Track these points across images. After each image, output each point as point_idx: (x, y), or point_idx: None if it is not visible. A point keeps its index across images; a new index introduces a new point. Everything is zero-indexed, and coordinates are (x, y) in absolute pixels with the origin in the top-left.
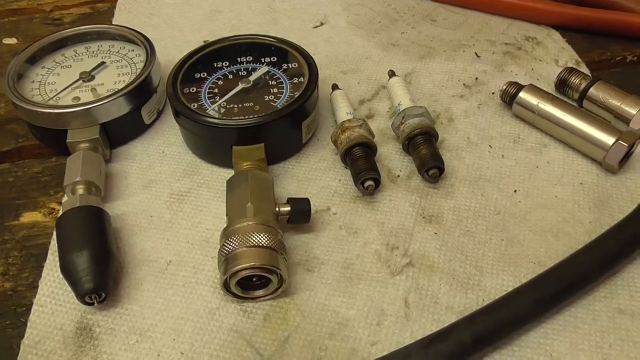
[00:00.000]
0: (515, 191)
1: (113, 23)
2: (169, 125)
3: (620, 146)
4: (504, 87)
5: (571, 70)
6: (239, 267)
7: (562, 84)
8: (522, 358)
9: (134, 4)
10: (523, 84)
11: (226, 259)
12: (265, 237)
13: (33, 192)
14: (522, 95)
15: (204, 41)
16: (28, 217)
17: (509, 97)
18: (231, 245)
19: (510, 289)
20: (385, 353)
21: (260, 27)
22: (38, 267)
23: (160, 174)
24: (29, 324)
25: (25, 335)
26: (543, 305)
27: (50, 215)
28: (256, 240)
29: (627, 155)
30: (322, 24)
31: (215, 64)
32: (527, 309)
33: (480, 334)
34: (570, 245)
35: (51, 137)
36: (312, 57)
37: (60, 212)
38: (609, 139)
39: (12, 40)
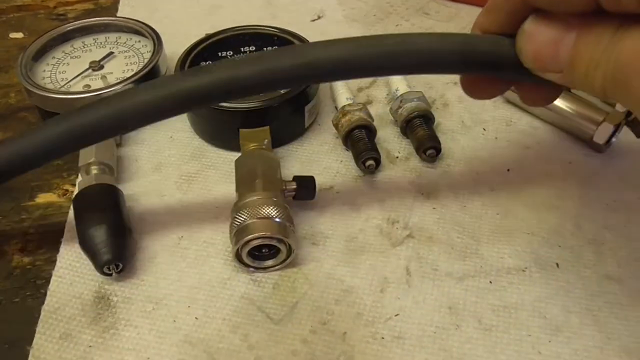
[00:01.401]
0: (508, 170)
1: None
2: None
3: (606, 126)
4: None
5: None
6: (250, 236)
7: None
8: (518, 319)
9: None
10: None
11: (238, 230)
12: (274, 210)
13: (47, 175)
14: None
15: (206, 34)
16: (43, 198)
17: None
18: (242, 217)
19: (506, 257)
20: (389, 318)
21: (259, 21)
22: (55, 243)
23: (169, 157)
24: (48, 293)
25: (45, 302)
26: None
27: (65, 196)
28: (266, 212)
29: (613, 134)
30: (319, 17)
31: (219, 54)
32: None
33: None
34: (560, 217)
35: None
36: None
37: (76, 191)
38: (596, 120)
39: (19, 35)
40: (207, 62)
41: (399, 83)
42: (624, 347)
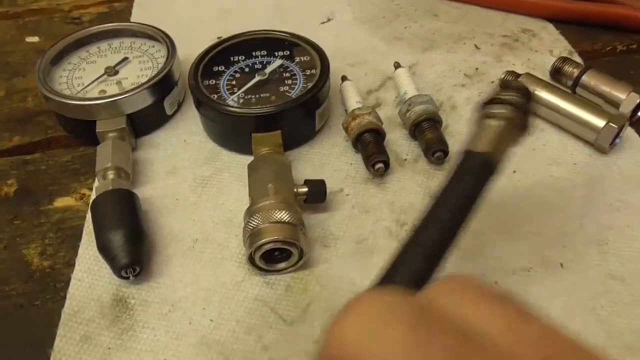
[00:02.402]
0: (514, 172)
1: (131, 21)
2: (189, 116)
3: (610, 128)
4: (503, 76)
5: (565, 60)
6: (263, 240)
7: (556, 73)
8: None
9: (149, 3)
10: (520, 73)
11: (251, 234)
12: (286, 214)
13: (64, 179)
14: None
15: (218, 37)
16: (61, 202)
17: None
18: (255, 222)
19: (511, 257)
20: None
21: (269, 24)
22: (74, 247)
23: (184, 160)
24: (68, 296)
25: (65, 305)
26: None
27: (82, 200)
28: (278, 217)
29: (617, 136)
30: (329, 20)
31: (231, 58)
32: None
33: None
34: (565, 218)
35: (80, 127)
36: (323, 50)
37: (93, 196)
38: (600, 122)
39: (35, 39)
40: (220, 67)
41: (408, 86)
42: (626, 344)
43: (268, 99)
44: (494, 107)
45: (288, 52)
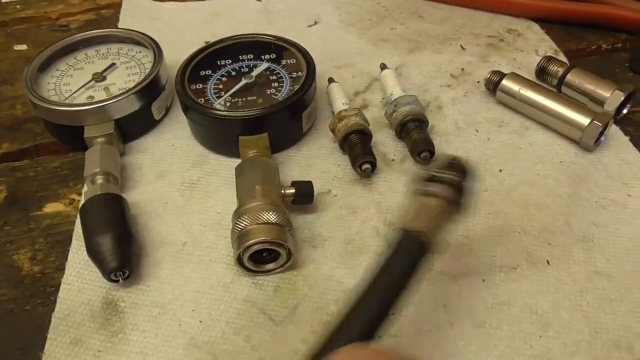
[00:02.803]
0: (500, 170)
1: (118, 27)
2: (177, 121)
3: (595, 126)
4: (488, 76)
5: (550, 59)
6: (251, 241)
7: (541, 72)
8: (510, 315)
9: (136, 9)
10: (505, 72)
11: (239, 236)
12: (274, 215)
13: (53, 185)
14: (505, 82)
15: (205, 42)
16: (51, 208)
17: (493, 85)
18: (243, 223)
19: (498, 255)
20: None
21: (257, 27)
22: (63, 252)
23: (172, 164)
24: (58, 300)
25: (55, 309)
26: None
27: (71, 205)
28: (265, 218)
29: (602, 134)
30: (315, 23)
31: (218, 62)
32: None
33: None
34: (551, 215)
35: (68, 133)
36: (309, 53)
37: (82, 201)
38: (584, 120)
39: (23, 47)
40: (207, 72)
41: (394, 87)
42: (612, 340)
43: (255, 101)
44: (433, 185)
45: (274, 55)
